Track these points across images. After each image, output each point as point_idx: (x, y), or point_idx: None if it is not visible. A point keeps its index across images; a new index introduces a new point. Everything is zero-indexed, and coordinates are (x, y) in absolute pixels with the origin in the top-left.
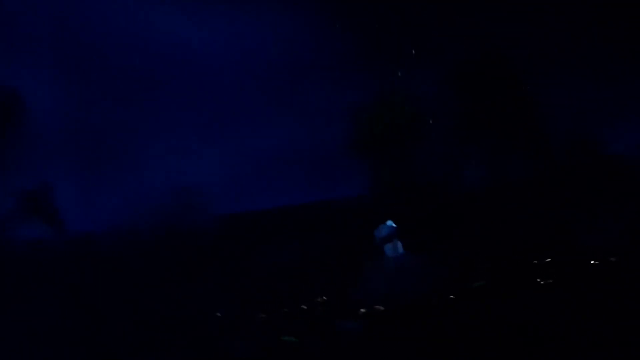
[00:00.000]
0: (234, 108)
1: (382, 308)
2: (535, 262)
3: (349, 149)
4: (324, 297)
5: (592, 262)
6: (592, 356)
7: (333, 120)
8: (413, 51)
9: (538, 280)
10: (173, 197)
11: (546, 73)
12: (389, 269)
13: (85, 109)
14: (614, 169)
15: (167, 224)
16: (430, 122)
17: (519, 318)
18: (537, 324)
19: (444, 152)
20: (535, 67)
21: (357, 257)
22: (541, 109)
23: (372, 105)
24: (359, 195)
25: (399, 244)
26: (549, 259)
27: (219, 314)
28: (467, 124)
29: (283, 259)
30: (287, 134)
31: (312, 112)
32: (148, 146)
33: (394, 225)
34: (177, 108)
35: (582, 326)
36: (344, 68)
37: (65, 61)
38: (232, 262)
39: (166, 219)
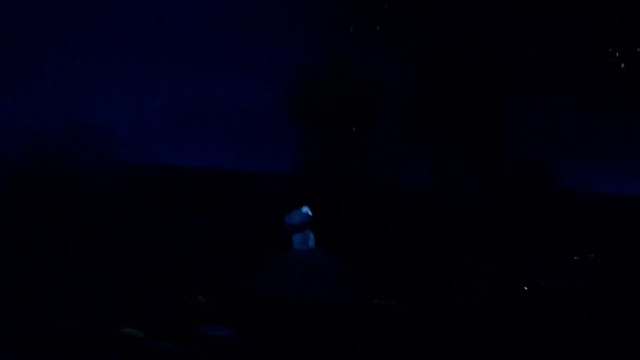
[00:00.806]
0: (166, 52)
1: (265, 311)
2: (461, 286)
3: (285, 119)
4: (197, 286)
5: (523, 294)
6: None
7: (274, 83)
8: (378, 29)
9: (460, 307)
10: (68, 132)
11: (517, 89)
12: (290, 264)
13: None
14: (559, 201)
15: (51, 160)
16: (383, 107)
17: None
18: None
19: (391, 143)
20: (508, 82)
21: (258, 243)
22: (503, 124)
23: (321, 73)
24: (285, 172)
25: (311, 237)
26: (476, 284)
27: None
28: (424, 119)
29: (173, 229)
30: (219, 91)
31: (252, 72)
32: (51, 69)
33: (309, 213)
34: (100, 37)
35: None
36: (298, 29)
37: None
38: (111, 220)
39: (53, 154)
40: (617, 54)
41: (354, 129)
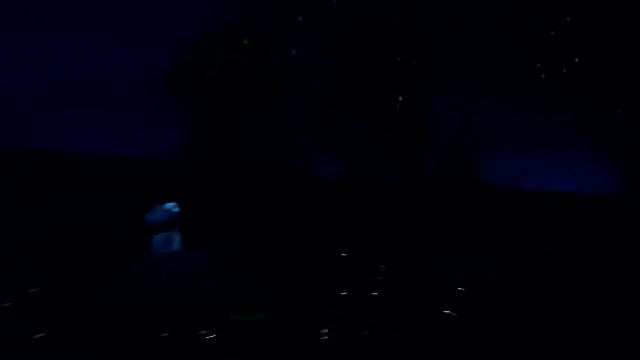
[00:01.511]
0: (27, 18)
1: (94, 329)
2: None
3: (167, 97)
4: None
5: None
6: None
7: (156, 55)
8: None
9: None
10: None
11: (440, 74)
12: (146, 270)
13: None
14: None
15: None
16: (285, 85)
17: None
18: None
19: (293, 128)
20: (430, 67)
21: (111, 244)
22: (424, 112)
23: (212, 44)
24: (162, 158)
25: (176, 237)
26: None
27: None
28: (334, 103)
29: (12, 222)
30: (90, 63)
31: (131, 41)
32: None
33: (175, 209)
34: None
35: None
36: None
37: None
38: None
39: None
40: (547, 45)
41: (248, 110)
